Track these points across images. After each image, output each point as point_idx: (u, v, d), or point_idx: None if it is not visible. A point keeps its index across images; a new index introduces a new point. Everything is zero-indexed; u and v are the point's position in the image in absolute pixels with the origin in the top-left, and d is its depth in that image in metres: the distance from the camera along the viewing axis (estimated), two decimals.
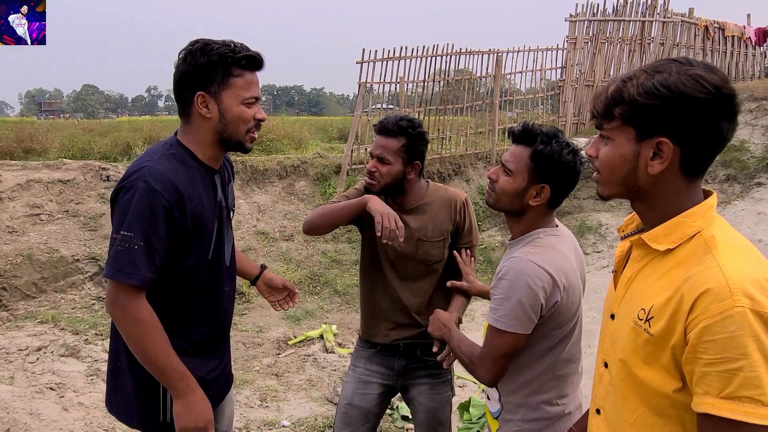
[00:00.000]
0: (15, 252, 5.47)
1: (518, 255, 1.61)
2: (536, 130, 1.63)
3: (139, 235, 1.49)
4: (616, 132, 1.06)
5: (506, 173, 1.66)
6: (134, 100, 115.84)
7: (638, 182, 1.06)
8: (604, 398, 1.18)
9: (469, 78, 9.08)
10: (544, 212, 1.69)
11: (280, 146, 8.98)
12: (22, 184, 6.05)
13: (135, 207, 1.50)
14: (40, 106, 67.93)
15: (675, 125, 0.99)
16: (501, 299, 1.58)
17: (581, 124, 9.91)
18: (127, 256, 1.49)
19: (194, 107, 1.60)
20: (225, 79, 1.59)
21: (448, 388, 2.33)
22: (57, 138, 8.90)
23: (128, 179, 1.55)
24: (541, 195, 1.64)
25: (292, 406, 4.01)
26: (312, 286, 6.36)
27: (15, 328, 4.79)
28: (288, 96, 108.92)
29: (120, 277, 1.49)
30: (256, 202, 7.30)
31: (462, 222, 2.25)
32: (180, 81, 1.61)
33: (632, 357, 1.06)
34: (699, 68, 0.99)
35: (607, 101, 1.06)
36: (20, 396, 3.49)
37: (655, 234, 1.07)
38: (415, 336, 2.24)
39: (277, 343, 5.13)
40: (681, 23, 10.27)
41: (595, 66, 9.88)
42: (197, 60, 1.57)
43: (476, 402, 3.87)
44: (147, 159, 1.59)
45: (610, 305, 1.20)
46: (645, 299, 1.06)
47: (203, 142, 1.65)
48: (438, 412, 2.29)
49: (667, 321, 0.99)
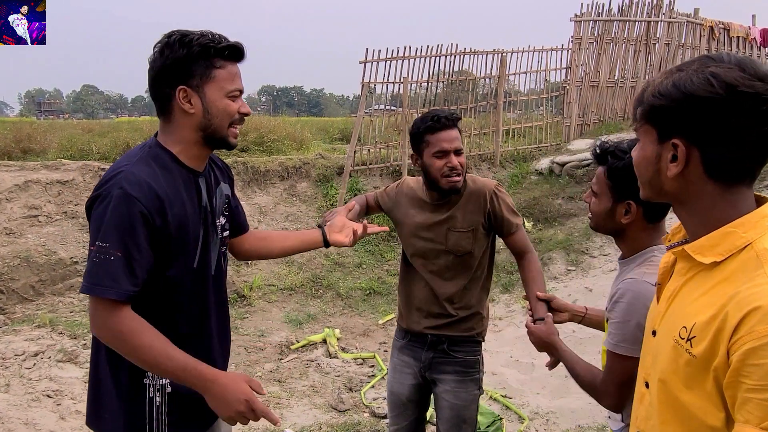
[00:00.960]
0: (12, 254, 5.37)
1: (633, 276, 1.53)
2: (608, 148, 1.60)
3: (116, 245, 1.38)
4: (642, 133, 1.04)
5: (594, 195, 1.65)
6: (134, 101, 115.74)
7: (663, 186, 1.02)
8: (645, 420, 1.10)
9: (473, 79, 8.99)
10: (644, 228, 1.59)
11: (281, 147, 8.88)
12: (20, 184, 5.95)
13: (111, 216, 1.38)
14: (39, 106, 67.78)
15: (687, 126, 0.94)
16: (619, 323, 1.50)
17: (586, 125, 9.82)
18: (104, 268, 1.38)
19: (175, 103, 1.49)
20: (207, 71, 1.48)
21: (475, 387, 2.30)
22: (56, 138, 8.79)
23: (103, 186, 1.43)
24: (630, 212, 1.57)
25: (296, 413, 3.91)
26: (314, 289, 6.26)
27: (12, 332, 4.69)
28: (288, 97, 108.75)
29: (97, 291, 1.38)
30: (257, 203, 7.20)
31: (495, 211, 2.21)
32: (158, 76, 1.49)
33: (672, 378, 0.98)
34: (724, 65, 0.91)
35: (634, 102, 1.05)
36: (15, 405, 3.39)
37: (699, 245, 0.98)
38: (443, 326, 2.24)
39: (280, 348, 5.04)
40: (686, 23, 10.18)
41: (599, 66, 9.78)
42: (176, 52, 1.45)
43: (484, 409, 3.78)
44: (123, 163, 1.47)
45: (652, 321, 1.12)
46: (687, 316, 0.97)
47: (186, 141, 1.54)
48: (463, 409, 2.27)
49: (710, 341, 0.90)
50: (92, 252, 1.40)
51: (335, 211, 2.16)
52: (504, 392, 4.22)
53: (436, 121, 2.16)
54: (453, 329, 2.24)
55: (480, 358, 2.33)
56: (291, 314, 5.74)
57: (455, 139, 2.16)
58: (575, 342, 4.69)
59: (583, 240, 6.74)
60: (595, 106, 9.86)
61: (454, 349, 2.25)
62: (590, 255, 6.52)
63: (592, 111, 9.83)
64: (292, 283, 6.22)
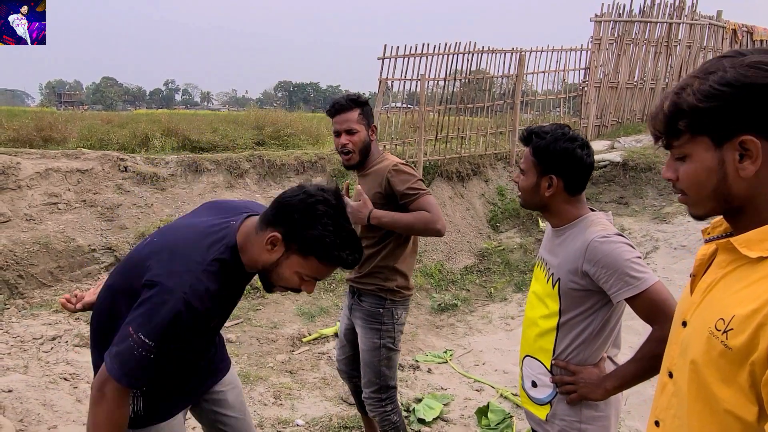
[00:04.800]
0: (32, 240, 5.46)
1: (595, 237, 1.63)
2: (534, 130, 1.78)
3: (158, 347, 1.43)
4: (689, 147, 0.98)
5: (522, 173, 1.82)
6: (152, 93, 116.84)
7: (731, 191, 0.96)
8: (665, 410, 1.09)
9: (490, 77, 8.95)
10: (567, 200, 1.76)
11: (297, 142, 8.93)
12: (40, 172, 6.05)
13: (164, 318, 1.42)
14: (59, 97, 68.67)
15: (753, 119, 0.91)
16: (624, 267, 1.57)
17: (603, 127, 9.74)
18: (139, 363, 1.44)
19: (271, 243, 1.56)
20: (301, 251, 1.54)
21: (376, 337, 2.64)
22: (76, 128, 8.92)
23: (170, 278, 1.45)
24: (553, 185, 1.73)
25: (306, 404, 3.94)
26: (327, 282, 6.29)
27: (30, 316, 4.77)
28: (304, 93, 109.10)
29: (123, 381, 1.45)
30: (272, 196, 7.24)
31: (391, 186, 2.51)
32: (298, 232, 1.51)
33: (705, 370, 0.96)
34: (753, 55, 0.91)
35: (666, 118, 0.99)
36: (34, 386, 3.46)
37: (747, 239, 0.96)
38: (356, 279, 2.68)
39: (291, 340, 5.07)
40: (709, 26, 10.05)
41: (619, 67, 9.69)
42: (314, 230, 1.51)
43: (495, 407, 3.78)
44: (196, 259, 1.49)
45: (683, 312, 1.09)
46: (725, 308, 0.95)
47: (257, 261, 1.58)
48: (365, 353, 2.67)
49: (750, 335, 0.88)
50: (132, 340, 1.42)
51: None
52: (515, 390, 4.22)
53: (331, 106, 2.58)
54: (362, 283, 2.65)
55: (384, 312, 2.64)
56: (303, 307, 5.77)
57: (345, 121, 2.53)
58: None
59: None
60: (614, 107, 9.77)
61: (362, 300, 2.66)
62: None
63: (610, 112, 9.74)
64: None
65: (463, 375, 4.58)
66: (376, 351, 2.67)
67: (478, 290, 6.59)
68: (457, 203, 7.85)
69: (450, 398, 4.11)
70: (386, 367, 2.70)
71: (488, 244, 7.37)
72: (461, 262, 7.10)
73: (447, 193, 7.83)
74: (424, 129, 7.88)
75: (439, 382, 4.33)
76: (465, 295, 6.40)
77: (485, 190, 8.30)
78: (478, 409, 3.80)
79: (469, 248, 7.33)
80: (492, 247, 7.29)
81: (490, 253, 7.20)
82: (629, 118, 9.87)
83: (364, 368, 2.71)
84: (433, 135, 8.31)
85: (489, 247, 7.29)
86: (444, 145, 8.38)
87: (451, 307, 6.11)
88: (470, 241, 7.44)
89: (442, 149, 8.30)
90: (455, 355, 5.00)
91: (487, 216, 7.96)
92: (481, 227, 7.75)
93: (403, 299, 2.71)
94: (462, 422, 3.79)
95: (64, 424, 3.16)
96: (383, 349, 2.67)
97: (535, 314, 1.81)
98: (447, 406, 3.99)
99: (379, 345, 2.66)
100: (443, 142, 8.40)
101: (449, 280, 6.62)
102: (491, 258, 7.09)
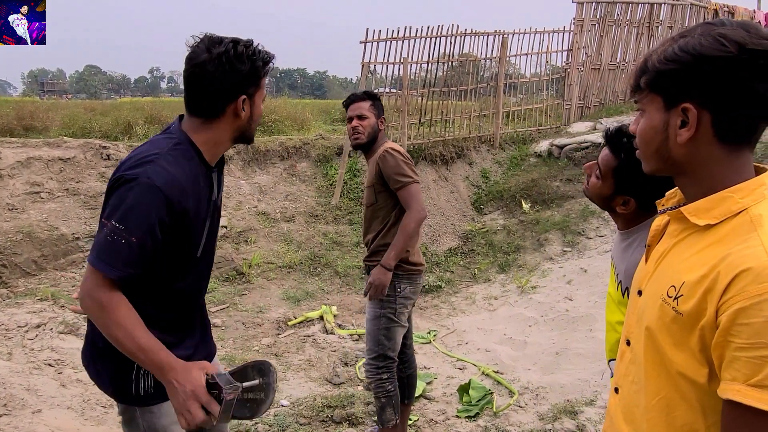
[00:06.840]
0: (15, 229, 5.44)
1: None
2: (626, 142, 1.60)
3: (132, 232, 1.44)
4: (646, 103, 1.03)
5: (598, 176, 1.69)
6: (137, 81, 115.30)
7: (671, 154, 1.01)
8: (624, 377, 1.13)
9: (474, 60, 8.96)
10: (639, 215, 1.68)
11: (282, 127, 8.90)
12: (22, 161, 6.01)
13: (135, 202, 1.45)
14: (42, 86, 67.57)
15: (698, 89, 0.94)
16: None
17: (586, 108, 9.80)
18: (115, 248, 1.44)
19: (230, 108, 1.59)
20: (259, 82, 1.62)
21: (377, 307, 2.85)
22: (58, 116, 8.83)
23: (131, 170, 1.49)
24: (627, 206, 1.66)
25: (291, 386, 4.00)
26: (312, 267, 6.34)
27: (14, 305, 4.77)
28: (291, 79, 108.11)
29: (101, 266, 1.45)
30: (257, 182, 7.25)
31: (383, 168, 2.76)
32: (219, 83, 1.55)
33: (659, 335, 1.01)
34: (727, 27, 0.93)
35: (635, 73, 1.04)
36: (18, 372, 3.48)
37: (695, 207, 1.00)
38: (366, 258, 2.97)
39: (277, 324, 5.12)
40: (690, 6, 10.10)
41: (601, 49, 9.74)
42: (242, 64, 1.55)
43: (476, 384, 3.86)
44: (153, 151, 1.53)
45: (639, 281, 1.14)
46: (676, 275, 1.00)
47: (220, 142, 1.64)
48: (368, 323, 2.90)
49: (699, 300, 0.93)
50: (106, 228, 1.45)
51: None
52: (496, 368, 4.31)
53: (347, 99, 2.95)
54: (370, 261, 2.89)
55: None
56: (289, 291, 5.82)
57: (358, 108, 2.87)
58: (567, 320, 4.76)
59: (580, 221, 6.79)
60: (596, 88, 9.83)
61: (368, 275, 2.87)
62: (586, 236, 6.57)
63: (593, 94, 9.80)
64: (291, 260, 6.29)
65: (446, 354, 4.66)
66: (376, 320, 2.85)
67: (462, 272, 6.67)
68: (441, 186, 7.90)
69: (433, 377, 4.19)
70: (385, 337, 2.86)
71: (472, 226, 7.44)
72: (445, 244, 7.16)
73: (431, 177, 7.87)
74: (408, 113, 7.90)
75: (422, 362, 4.40)
76: (449, 277, 6.48)
77: (469, 173, 8.35)
78: (459, 387, 3.89)
79: (453, 230, 7.40)
80: (476, 229, 7.36)
81: (474, 235, 7.27)
82: (611, 99, 9.93)
83: (366, 336, 2.94)
84: (417, 119, 8.33)
85: (473, 229, 7.36)
86: (428, 128, 8.41)
87: (435, 288, 6.18)
88: (454, 223, 7.50)
89: (426, 133, 8.32)
90: (439, 335, 5.08)
91: (471, 198, 8.02)
92: (465, 210, 7.81)
93: (407, 273, 2.86)
94: (444, 399, 3.87)
95: (48, 408, 3.19)
96: (383, 319, 2.85)
97: (612, 319, 1.77)
98: (430, 384, 4.07)
99: (380, 314, 2.85)
100: (427, 126, 8.42)
101: (433, 262, 6.69)
102: (475, 240, 7.16)
